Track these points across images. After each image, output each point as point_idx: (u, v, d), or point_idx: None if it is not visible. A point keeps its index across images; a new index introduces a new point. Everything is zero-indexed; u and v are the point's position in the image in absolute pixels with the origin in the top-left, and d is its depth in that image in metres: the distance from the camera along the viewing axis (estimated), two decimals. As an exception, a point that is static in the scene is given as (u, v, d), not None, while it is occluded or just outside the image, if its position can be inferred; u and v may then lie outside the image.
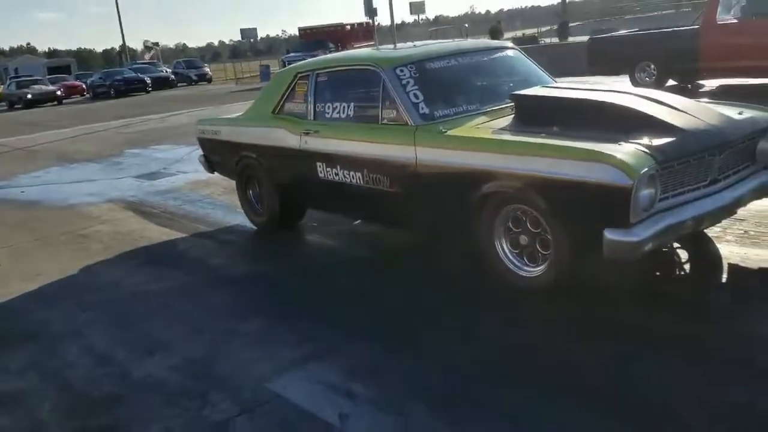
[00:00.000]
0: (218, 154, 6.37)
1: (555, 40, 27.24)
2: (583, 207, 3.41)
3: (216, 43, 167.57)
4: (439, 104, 4.38)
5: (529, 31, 38.81)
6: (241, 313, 4.22)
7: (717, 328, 3.34)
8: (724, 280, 3.96)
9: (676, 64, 11.41)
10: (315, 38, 31.37)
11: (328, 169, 4.88)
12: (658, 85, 11.22)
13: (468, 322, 3.69)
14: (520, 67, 5.14)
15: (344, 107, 4.85)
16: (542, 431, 2.66)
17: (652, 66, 11.80)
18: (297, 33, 34.13)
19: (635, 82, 11.67)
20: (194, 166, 8.87)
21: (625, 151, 3.34)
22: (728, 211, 3.80)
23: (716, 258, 4.16)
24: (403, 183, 4.32)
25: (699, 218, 3.56)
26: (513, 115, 4.25)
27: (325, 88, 5.08)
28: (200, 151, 6.72)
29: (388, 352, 3.46)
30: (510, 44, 5.55)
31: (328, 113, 4.97)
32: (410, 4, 37.34)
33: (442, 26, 60.54)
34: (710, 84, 11.87)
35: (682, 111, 3.84)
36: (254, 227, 5.99)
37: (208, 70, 42.39)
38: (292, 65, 5.96)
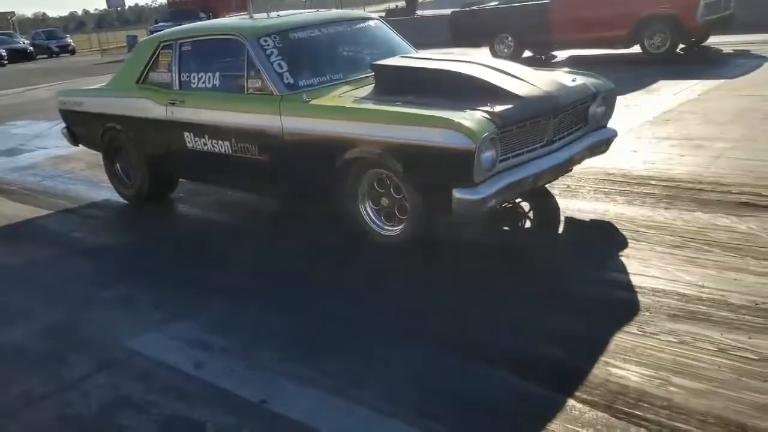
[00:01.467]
0: (82, 126, 6.22)
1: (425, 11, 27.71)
2: (434, 170, 3.72)
3: (80, 13, 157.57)
4: (303, 74, 4.50)
5: (382, 6, 39.33)
6: (103, 280, 4.29)
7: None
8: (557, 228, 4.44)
9: (530, 36, 12.13)
10: (185, 7, 30.37)
11: (196, 139, 4.90)
12: (515, 56, 11.88)
13: (331, 277, 3.96)
14: (383, 37, 5.34)
15: (209, 77, 4.87)
16: (391, 365, 2.96)
17: (509, 38, 12.49)
18: (166, 1, 32.80)
19: (494, 54, 12.30)
20: (54, 142, 8.60)
21: (470, 117, 3.64)
22: (564, 169, 4.27)
23: (555, 209, 4.66)
24: (271, 151, 4.44)
25: (537, 176, 3.98)
26: (373, 85, 4.45)
27: (190, 58, 5.07)
28: (63, 124, 6.51)
29: (244, 308, 3.66)
30: (373, 15, 5.75)
31: (194, 83, 4.98)
32: (284, -28, 36.85)
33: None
34: (561, 55, 12.72)
35: (522, 79, 4.19)
36: (123, 201, 5.93)
37: (71, 41, 39.95)
38: (154, 34, 5.93)
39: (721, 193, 4.57)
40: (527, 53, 12.65)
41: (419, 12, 24.82)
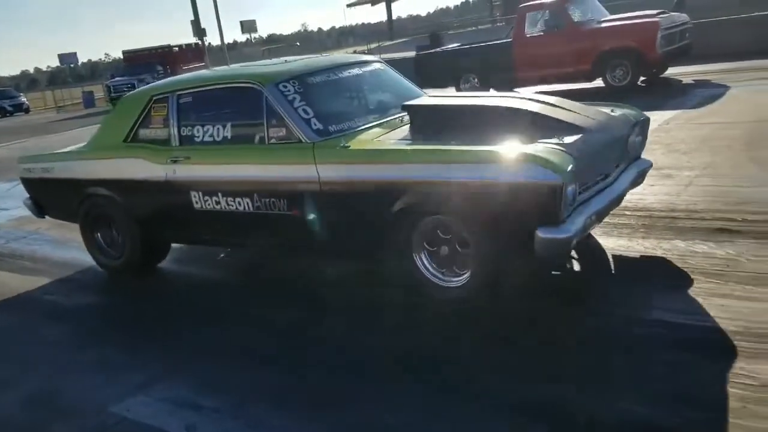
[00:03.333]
0: (52, 195, 5.64)
1: (384, 55, 28.20)
2: (511, 210, 3.41)
3: (32, 71, 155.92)
4: (330, 119, 4.23)
5: (360, 48, 40.29)
6: (81, 343, 4.15)
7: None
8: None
9: (494, 74, 12.34)
10: (141, 61, 30.27)
11: (206, 198, 4.49)
12: (480, 95, 12.11)
13: (343, 330, 3.81)
14: (393, 79, 5.19)
15: (219, 129, 4.50)
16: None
17: (474, 78, 12.71)
18: (122, 56, 32.62)
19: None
20: (16, 203, 8.35)
21: (545, 150, 3.42)
22: (617, 202, 4.09)
23: (599, 247, 4.45)
24: (305, 204, 4.08)
25: (600, 211, 3.75)
26: (409, 126, 4.23)
27: (191, 110, 4.71)
28: (25, 193, 5.93)
29: (232, 366, 3.54)
30: (377, 58, 5.63)
31: (198, 137, 4.60)
32: (241, 23, 37.01)
33: (275, 45, 60.61)
34: (525, 92, 12.94)
35: (570, 110, 4.04)
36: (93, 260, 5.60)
37: (25, 99, 39.35)
38: (142, 88, 5.54)
39: (695, 220, 4.64)
40: (493, 92, 12.85)
41: (382, 55, 25.23)
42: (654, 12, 11.22)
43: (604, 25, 11.50)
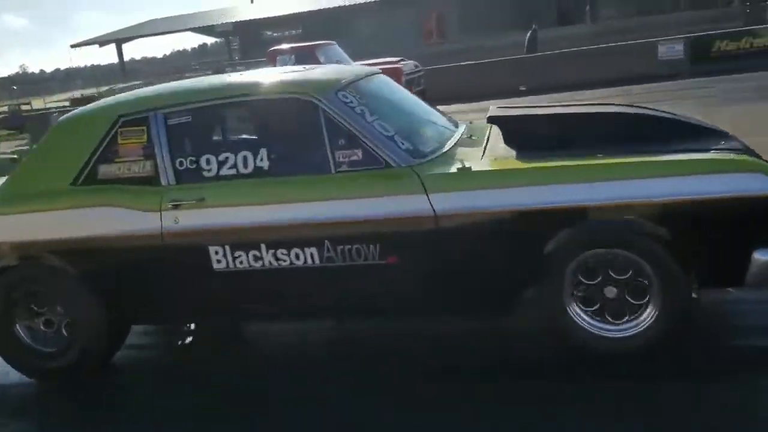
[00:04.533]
0: None
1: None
2: (724, 229, 2.92)
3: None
4: (411, 136, 3.41)
5: (89, 90, 37.84)
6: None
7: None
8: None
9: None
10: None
11: (238, 254, 3.29)
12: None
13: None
14: (402, 91, 4.46)
15: (245, 158, 3.35)
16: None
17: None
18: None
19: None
20: None
21: (746, 157, 3.04)
22: None
23: None
24: (410, 248, 3.15)
25: None
26: (501, 141, 3.51)
27: (189, 134, 3.55)
28: None
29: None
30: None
31: (209, 170, 3.40)
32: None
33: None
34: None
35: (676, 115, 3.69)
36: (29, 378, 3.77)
37: None
38: (96, 106, 3.94)
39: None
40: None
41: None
42: (396, 59, 12.39)
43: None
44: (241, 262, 3.29)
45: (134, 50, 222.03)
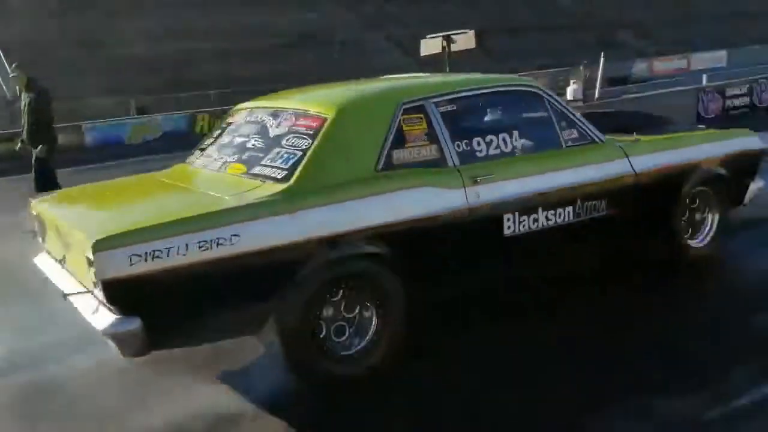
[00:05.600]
0: (214, 299, 3.15)
1: None
2: (738, 170, 4.86)
3: None
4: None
5: None
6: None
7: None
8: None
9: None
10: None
11: (523, 219, 3.91)
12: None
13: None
14: None
15: (505, 139, 4.00)
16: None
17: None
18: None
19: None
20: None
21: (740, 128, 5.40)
22: None
23: None
24: (624, 200, 4.34)
25: None
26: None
27: (456, 120, 3.91)
28: (109, 312, 3.00)
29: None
30: None
31: (480, 151, 3.90)
32: None
33: None
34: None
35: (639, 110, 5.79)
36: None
37: None
38: (383, 93, 4.18)
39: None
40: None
41: None
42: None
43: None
44: (524, 226, 3.93)
45: None
